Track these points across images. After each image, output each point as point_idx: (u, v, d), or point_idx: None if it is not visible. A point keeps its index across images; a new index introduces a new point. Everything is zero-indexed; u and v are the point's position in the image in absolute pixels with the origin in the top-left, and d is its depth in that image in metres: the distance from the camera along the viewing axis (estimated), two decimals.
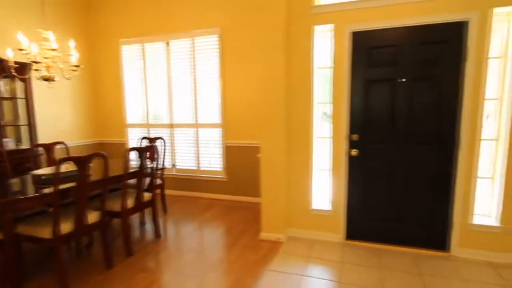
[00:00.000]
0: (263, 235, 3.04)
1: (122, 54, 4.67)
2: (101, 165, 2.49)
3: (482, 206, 2.64)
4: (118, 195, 2.85)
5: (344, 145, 2.81)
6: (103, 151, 2.45)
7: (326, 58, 2.88)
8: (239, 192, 4.26)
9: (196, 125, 4.35)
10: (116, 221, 3.34)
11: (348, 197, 2.88)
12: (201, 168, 4.40)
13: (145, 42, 4.46)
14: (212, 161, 4.33)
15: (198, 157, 4.41)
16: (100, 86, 4.99)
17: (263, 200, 3.01)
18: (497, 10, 2.33)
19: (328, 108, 2.95)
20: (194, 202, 4.28)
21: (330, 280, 2.34)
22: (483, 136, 2.51)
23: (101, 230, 2.50)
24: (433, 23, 2.46)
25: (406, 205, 2.74)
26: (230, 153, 4.22)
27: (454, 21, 2.41)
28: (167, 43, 4.34)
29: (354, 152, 2.78)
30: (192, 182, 4.52)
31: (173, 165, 4.57)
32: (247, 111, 4.05)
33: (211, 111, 4.24)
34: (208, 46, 4.12)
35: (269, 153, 2.92)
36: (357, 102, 2.74)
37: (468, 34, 2.38)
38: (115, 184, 2.70)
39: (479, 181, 2.57)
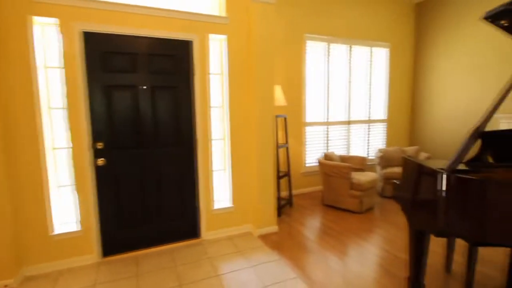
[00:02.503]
0: None
1: None
2: None
3: (220, 193, 3.27)
4: None
5: (88, 155, 2.55)
6: None
7: (57, 55, 2.47)
8: None
9: None
10: None
11: (100, 211, 2.65)
12: None
13: None
14: None
15: None
16: None
17: None
18: (212, 36, 2.94)
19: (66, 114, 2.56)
20: None
21: None
22: (214, 136, 3.11)
23: None
24: (167, 37, 2.72)
25: (160, 206, 2.89)
26: None
27: (183, 39, 2.79)
28: None
29: (101, 161, 2.59)
30: None
31: None
32: None
33: None
34: None
35: None
36: (98, 107, 2.56)
37: (193, 52, 2.84)
38: None
39: (215, 173, 3.16)
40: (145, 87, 2.70)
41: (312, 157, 4.72)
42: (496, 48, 4.18)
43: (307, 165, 4.69)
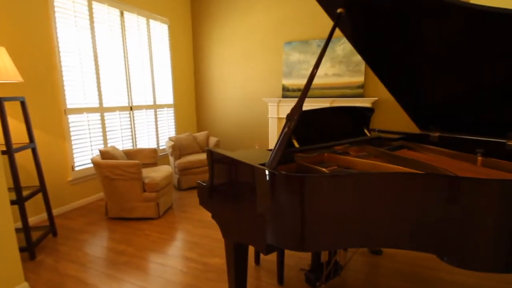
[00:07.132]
0: None
1: None
2: None
3: None
4: None
5: None
6: None
7: None
8: None
9: None
10: None
11: None
12: None
13: None
14: None
15: None
16: None
17: None
18: None
19: None
20: None
21: None
22: None
23: None
24: None
25: None
26: None
27: None
28: None
29: None
30: None
31: None
32: None
33: None
34: None
35: None
36: None
37: None
38: None
39: None
40: None
41: (84, 156, 3.43)
42: (259, 40, 4.70)
43: (77, 168, 3.36)
